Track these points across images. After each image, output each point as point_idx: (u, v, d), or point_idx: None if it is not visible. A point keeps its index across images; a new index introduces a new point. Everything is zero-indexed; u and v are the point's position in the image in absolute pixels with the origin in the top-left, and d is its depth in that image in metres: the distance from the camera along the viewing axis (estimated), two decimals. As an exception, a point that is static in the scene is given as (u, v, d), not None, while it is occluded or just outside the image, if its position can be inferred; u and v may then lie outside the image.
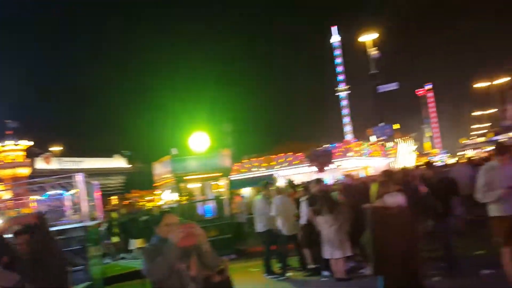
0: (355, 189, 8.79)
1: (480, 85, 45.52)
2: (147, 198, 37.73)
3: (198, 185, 14.34)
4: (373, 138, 36.36)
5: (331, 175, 21.45)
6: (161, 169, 14.85)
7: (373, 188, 4.19)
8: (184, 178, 13.46)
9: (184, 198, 13.69)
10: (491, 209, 5.87)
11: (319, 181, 8.14)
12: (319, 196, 7.44)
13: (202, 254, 3.46)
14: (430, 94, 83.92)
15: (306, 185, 9.81)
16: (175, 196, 14.53)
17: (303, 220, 8.39)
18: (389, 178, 4.19)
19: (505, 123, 40.91)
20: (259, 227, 9.24)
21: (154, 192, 31.75)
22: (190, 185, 14.19)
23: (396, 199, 3.92)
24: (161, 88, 73.29)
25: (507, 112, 41.25)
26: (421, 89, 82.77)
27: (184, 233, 3.23)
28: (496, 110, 43.77)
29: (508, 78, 44.05)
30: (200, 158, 13.62)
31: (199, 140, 13.96)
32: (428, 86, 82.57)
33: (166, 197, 19.21)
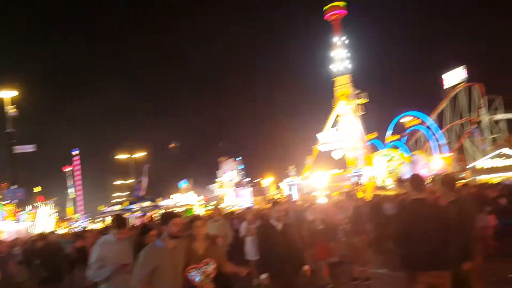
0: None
1: (121, 156, 50.11)
2: None
3: None
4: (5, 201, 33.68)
5: None
6: None
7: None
8: None
9: None
10: None
11: None
12: None
13: None
14: (76, 160, 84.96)
15: None
16: None
17: None
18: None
19: (138, 194, 45.97)
20: None
21: None
22: None
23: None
24: None
25: (141, 183, 46.60)
26: (68, 166, 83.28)
27: None
28: (133, 180, 48.65)
29: (145, 153, 50.75)
30: None
31: None
32: (75, 152, 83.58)
33: None
